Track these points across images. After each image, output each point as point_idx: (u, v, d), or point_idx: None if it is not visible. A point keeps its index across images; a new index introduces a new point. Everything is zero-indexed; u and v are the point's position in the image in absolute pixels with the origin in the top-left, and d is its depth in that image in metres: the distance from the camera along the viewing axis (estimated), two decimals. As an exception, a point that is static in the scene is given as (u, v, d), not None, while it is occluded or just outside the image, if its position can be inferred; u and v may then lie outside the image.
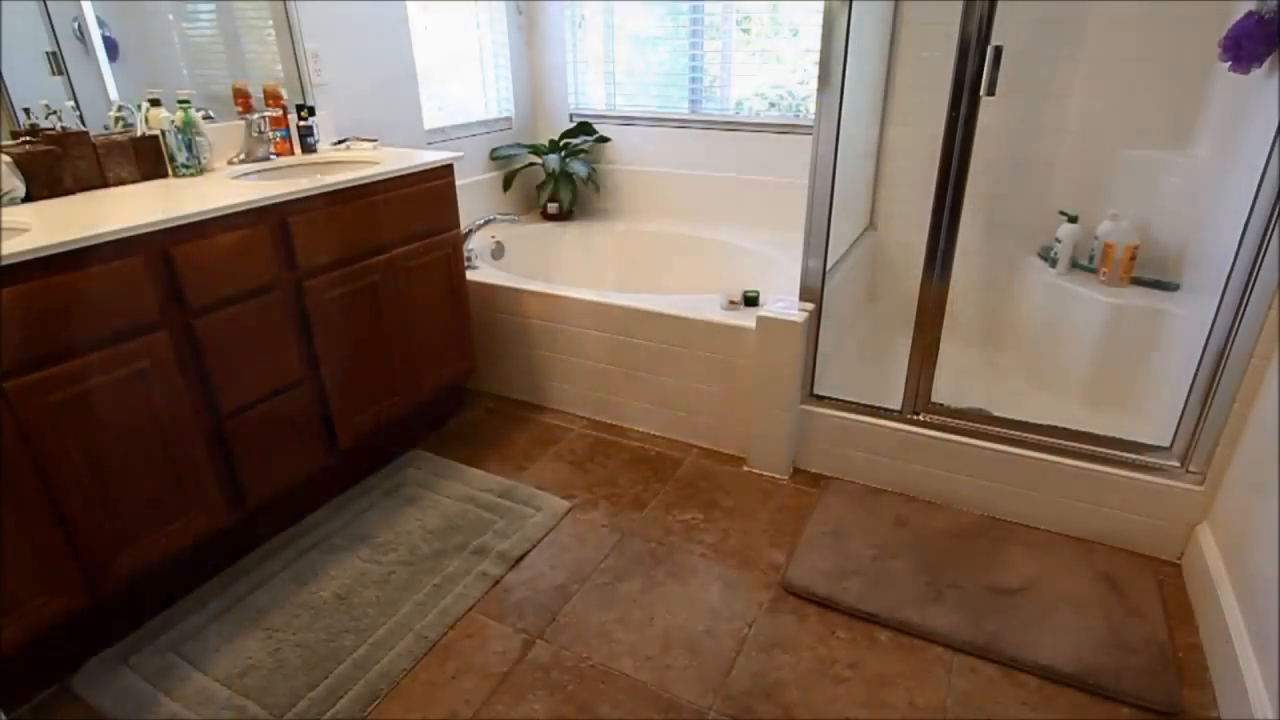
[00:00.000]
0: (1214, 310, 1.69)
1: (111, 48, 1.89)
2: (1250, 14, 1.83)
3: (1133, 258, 2.27)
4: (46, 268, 1.33)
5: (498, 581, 1.81)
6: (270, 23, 2.24)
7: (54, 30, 1.77)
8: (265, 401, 1.79)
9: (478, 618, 1.71)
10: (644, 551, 1.92)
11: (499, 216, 2.84)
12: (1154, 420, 2.04)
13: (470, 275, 2.54)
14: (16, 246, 1.30)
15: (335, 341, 1.95)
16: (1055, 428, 1.93)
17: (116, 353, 1.46)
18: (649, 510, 2.09)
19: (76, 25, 1.81)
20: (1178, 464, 1.81)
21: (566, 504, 2.10)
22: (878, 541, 1.92)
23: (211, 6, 2.11)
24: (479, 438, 2.47)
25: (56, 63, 1.79)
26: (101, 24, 1.86)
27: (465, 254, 2.51)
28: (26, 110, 1.72)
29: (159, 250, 1.52)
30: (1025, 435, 1.95)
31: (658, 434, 2.46)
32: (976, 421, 2.00)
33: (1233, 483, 1.69)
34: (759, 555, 1.91)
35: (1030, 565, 1.83)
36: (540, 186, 3.22)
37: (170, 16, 2.02)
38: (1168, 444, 1.82)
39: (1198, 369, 1.74)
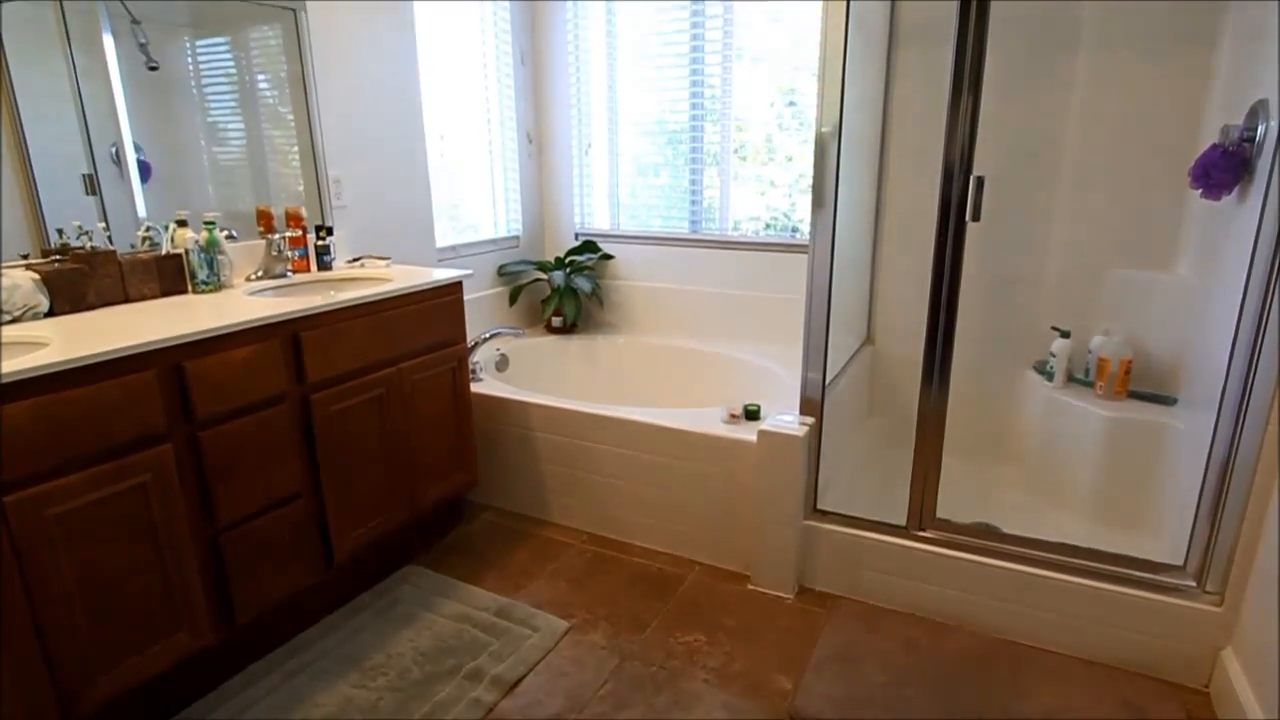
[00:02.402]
0: (1213, 425, 1.70)
1: (145, 170, 2.00)
2: (1215, 146, 1.95)
3: (1127, 371, 2.31)
4: (61, 382, 1.36)
5: (491, 709, 1.73)
6: (296, 148, 2.38)
7: (93, 154, 1.89)
8: (263, 515, 1.78)
9: (469, 749, 1.62)
10: (645, 676, 1.84)
11: (504, 330, 2.91)
12: (1165, 537, 2.01)
13: (475, 387, 2.57)
14: (35, 361, 1.33)
15: (338, 454, 1.95)
16: (1065, 545, 1.89)
17: (119, 466, 1.46)
18: (650, 631, 2.02)
19: (114, 150, 1.93)
20: (1194, 584, 1.76)
21: (565, 624, 2.03)
22: (889, 667, 1.84)
23: (242, 131, 2.26)
24: (477, 552, 2.42)
25: (92, 184, 1.90)
26: (138, 148, 1.98)
27: (470, 366, 2.56)
28: (60, 230, 1.81)
29: (171, 364, 1.55)
30: (1035, 553, 1.91)
31: (659, 549, 2.41)
32: (984, 538, 1.97)
33: (1252, 604, 1.64)
34: (765, 681, 1.82)
35: (1050, 694, 1.74)
36: (545, 301, 3.32)
37: (202, 141, 2.16)
38: (1181, 562, 1.78)
39: (1203, 485, 1.73)
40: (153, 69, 1.98)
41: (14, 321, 1.63)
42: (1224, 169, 1.91)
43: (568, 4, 3.21)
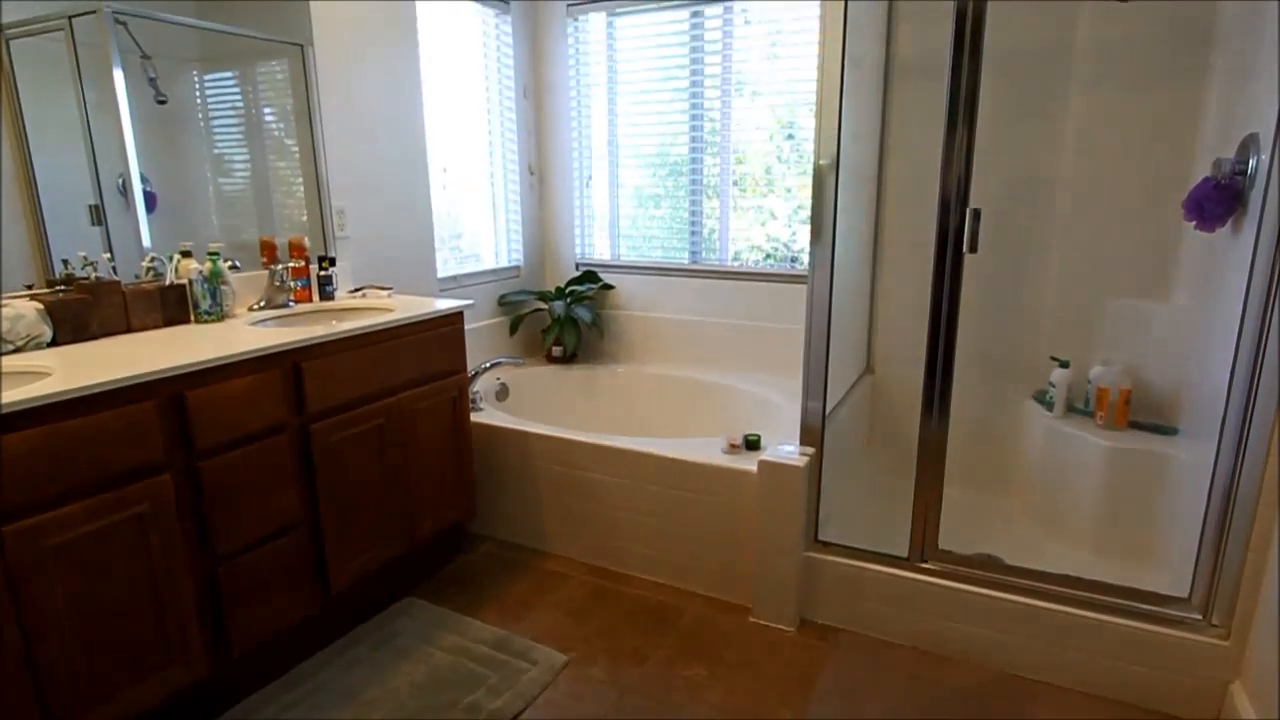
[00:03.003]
0: (1214, 456, 1.69)
1: (150, 200, 2.02)
2: (1207, 179, 1.97)
3: (1127, 401, 2.31)
4: (63, 412, 1.37)
5: (489, 745, 1.70)
6: (300, 179, 2.41)
7: (100, 185, 1.91)
8: (260, 546, 1.77)
9: (465, 787, 1.58)
10: (645, 711, 1.81)
11: (505, 360, 2.91)
12: (1169, 568, 1.99)
13: (474, 417, 2.57)
14: (37, 391, 1.34)
15: (337, 484, 1.95)
16: (1069, 577, 1.87)
17: (118, 496, 1.46)
18: (650, 665, 1.99)
19: (121, 181, 1.96)
20: (1199, 617, 1.74)
21: (564, 658, 2.00)
22: (892, 702, 1.81)
23: (247, 162, 2.29)
24: (476, 584, 2.40)
25: (98, 215, 1.92)
26: (144, 179, 2.00)
27: (470, 396, 2.56)
28: (65, 261, 1.83)
29: (173, 394, 1.56)
30: (1039, 585, 1.89)
31: (660, 581, 2.39)
32: (987, 570, 1.95)
33: (1259, 638, 1.62)
34: (767, 717, 1.79)
35: (1057, 729, 1.71)
36: (546, 330, 3.33)
37: (208, 172, 2.18)
38: (1186, 595, 1.76)
39: (1205, 516, 1.72)
40: (161, 102, 2.02)
41: (17, 351, 1.64)
42: (1217, 201, 1.93)
43: (570, 39, 3.27)
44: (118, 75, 1.90)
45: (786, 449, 2.13)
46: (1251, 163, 1.84)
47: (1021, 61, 2.44)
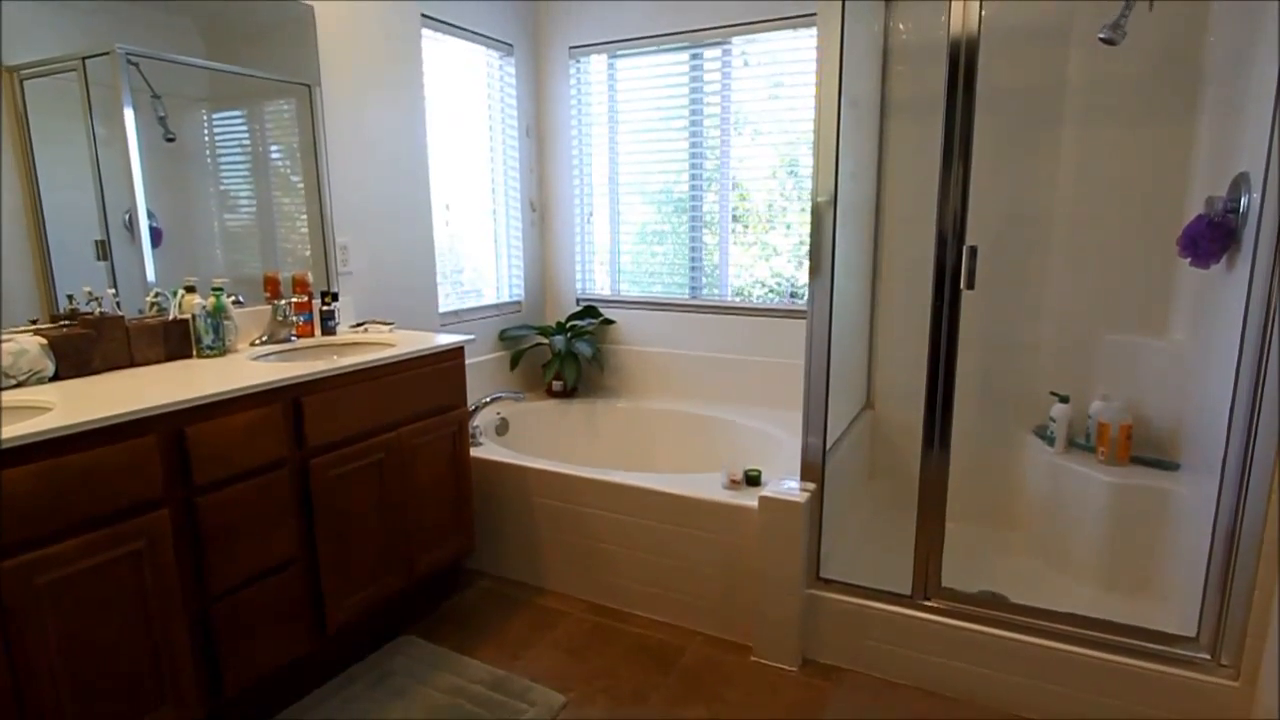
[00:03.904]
0: (1216, 491, 1.69)
1: (156, 236, 2.04)
2: (1201, 216, 2.00)
3: (1128, 437, 2.30)
4: (62, 447, 1.36)
5: (485, 789, 1.66)
6: (305, 215, 2.44)
7: (107, 221, 1.93)
8: (256, 582, 1.75)
9: (461, 833, 1.54)
10: (645, 754, 1.78)
11: (505, 394, 2.91)
12: (1175, 606, 1.97)
13: (474, 452, 2.56)
14: (37, 426, 1.34)
15: (335, 520, 1.93)
16: (1075, 616, 1.85)
17: (115, 532, 1.45)
18: (650, 706, 1.95)
19: (127, 217, 1.98)
20: (1208, 657, 1.72)
21: (562, 699, 1.97)
22: (898, 744, 1.77)
23: (252, 198, 2.31)
24: (474, 621, 2.37)
25: (103, 250, 1.93)
26: (150, 215, 2.03)
27: (470, 430, 2.55)
28: (70, 296, 1.84)
29: (173, 429, 1.56)
30: (1044, 624, 1.87)
31: (660, 619, 2.36)
32: (991, 608, 1.93)
33: (1268, 678, 1.59)
34: (770, 759, 1.76)
35: (1066, 773, 1.68)
36: (546, 365, 3.33)
37: (213, 207, 2.21)
38: (1194, 634, 1.74)
39: (1210, 554, 1.70)
40: (170, 140, 2.05)
41: (19, 386, 1.64)
42: (1211, 239, 1.95)
43: (572, 80, 3.34)
44: (128, 114, 1.94)
45: (787, 484, 2.12)
46: (1243, 200, 1.87)
47: (1015, 100, 2.49)
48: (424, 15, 2.79)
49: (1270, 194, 1.58)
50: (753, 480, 2.26)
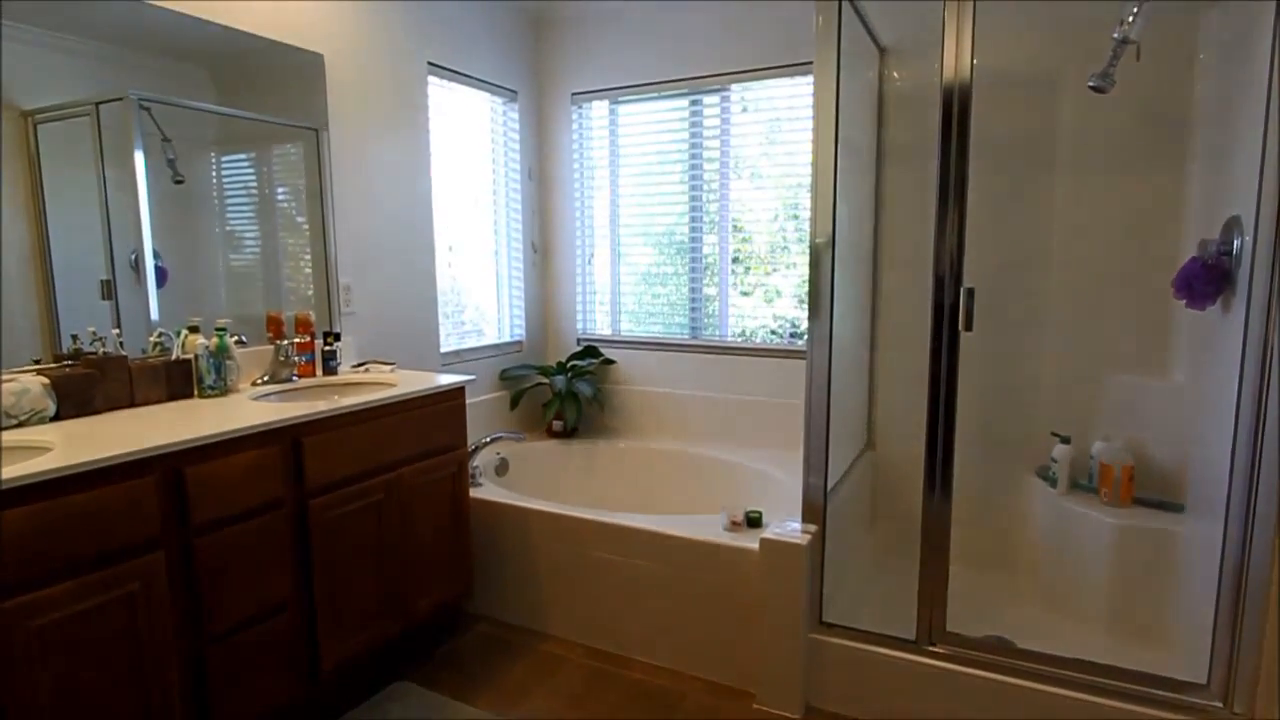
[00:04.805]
0: (1221, 534, 1.67)
1: (161, 275, 2.06)
2: (1195, 259, 2.02)
3: (1131, 478, 2.29)
4: (60, 488, 1.36)
5: (480, 843, 1.61)
6: (309, 255, 2.47)
7: (113, 261, 1.96)
8: (251, 625, 1.72)
9: None
10: (645, 806, 1.73)
11: (505, 434, 2.91)
12: (1184, 650, 1.93)
13: (474, 492, 2.54)
14: (36, 467, 1.33)
15: (332, 561, 1.91)
16: (1083, 662, 1.82)
17: (111, 574, 1.43)
18: (651, 755, 1.91)
19: (134, 257, 2.00)
20: (1220, 704, 1.68)
21: (561, 746, 1.92)
22: (905, 796, 1.73)
23: (258, 238, 2.34)
24: (471, 667, 2.32)
25: (109, 289, 1.95)
26: (156, 255, 2.05)
27: (470, 471, 2.54)
28: (74, 336, 1.85)
29: (171, 470, 1.55)
30: (1052, 670, 1.83)
31: (660, 664, 2.31)
32: (998, 654, 1.89)
33: (1283, 727, 1.56)
34: (774, 812, 1.71)
35: (1079, 827, 1.63)
36: (547, 405, 3.33)
37: (219, 248, 2.23)
38: (1204, 680, 1.71)
39: (1218, 598, 1.68)
40: (179, 182, 2.09)
41: (20, 425, 1.64)
42: (1206, 280, 1.97)
43: (574, 125, 3.41)
44: (138, 157, 1.98)
45: (789, 526, 2.10)
46: (1236, 244, 1.89)
47: (1009, 145, 2.54)
48: (431, 63, 2.87)
49: (1262, 239, 1.60)
50: (754, 522, 2.24)
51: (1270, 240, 1.59)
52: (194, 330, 2.04)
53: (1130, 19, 1.93)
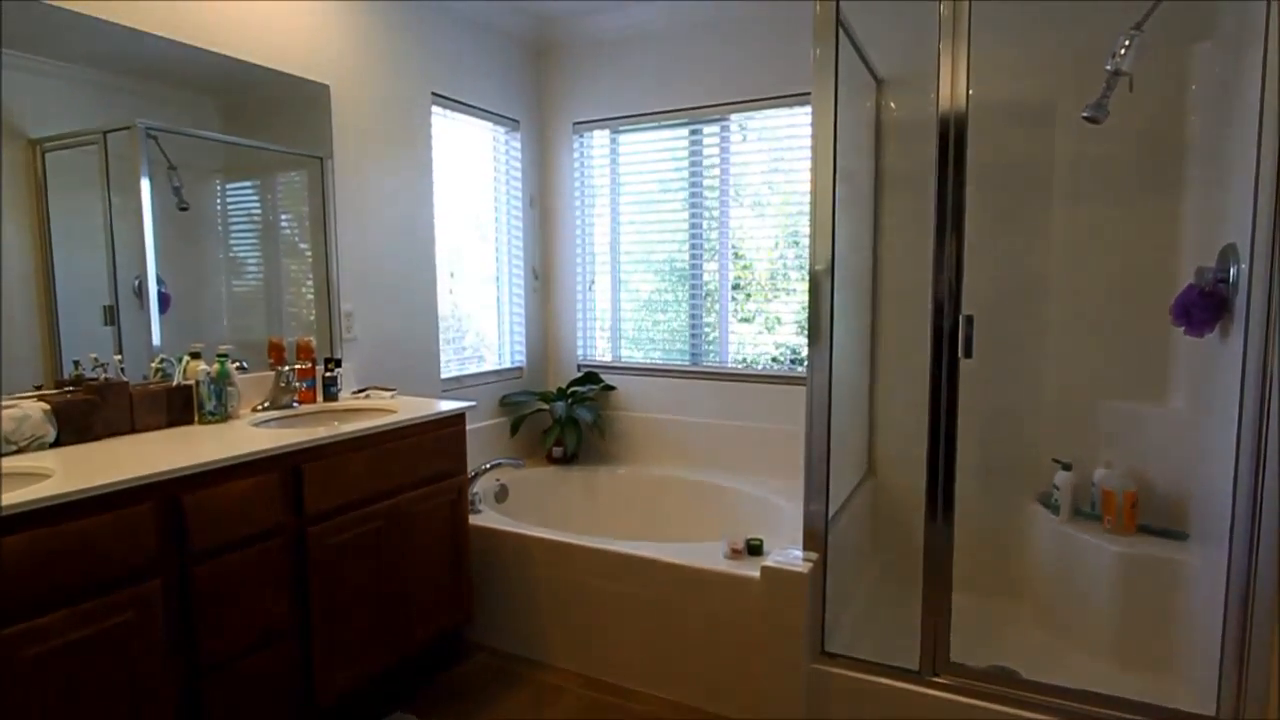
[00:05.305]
0: (1226, 562, 1.66)
1: (164, 301, 2.07)
2: (1192, 286, 2.03)
3: (1134, 505, 2.28)
4: (58, 515, 1.35)
5: None
6: (311, 281, 2.48)
7: (116, 287, 1.97)
8: (247, 656, 1.70)
9: None
10: (645, 842, 1.69)
11: (505, 461, 2.90)
12: (1192, 680, 1.91)
13: (473, 519, 2.53)
14: (34, 494, 1.33)
15: (330, 589, 1.90)
16: (1091, 693, 1.79)
17: (106, 603, 1.42)
18: (651, 789, 1.87)
19: (137, 282, 2.01)
20: (1229, 737, 1.66)
21: (559, 780, 1.89)
22: (910, 831, 1.69)
23: (260, 264, 2.36)
24: (469, 698, 2.29)
25: (111, 315, 1.96)
26: (159, 281, 2.06)
27: (470, 497, 2.53)
28: (76, 362, 1.85)
29: (170, 497, 1.54)
30: (1059, 701, 1.80)
31: (660, 694, 2.28)
32: (1003, 685, 1.87)
33: (1294, 761, 1.53)
34: None
35: None
36: (547, 431, 3.33)
37: (222, 274, 2.24)
38: (1213, 711, 1.68)
39: (1224, 628, 1.66)
40: (183, 209, 2.11)
41: (19, 452, 1.64)
42: (1203, 308, 1.98)
43: (575, 153, 3.45)
44: (144, 184, 2.00)
45: (790, 554, 2.09)
46: (1232, 271, 1.91)
47: (1005, 174, 2.57)
48: (435, 94, 2.91)
49: (1259, 268, 1.61)
50: (754, 549, 2.23)
51: (1266, 269, 1.60)
52: (195, 356, 2.04)
53: (1122, 51, 1.96)
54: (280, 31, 2.32)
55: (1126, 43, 1.95)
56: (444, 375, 3.03)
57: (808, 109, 2.78)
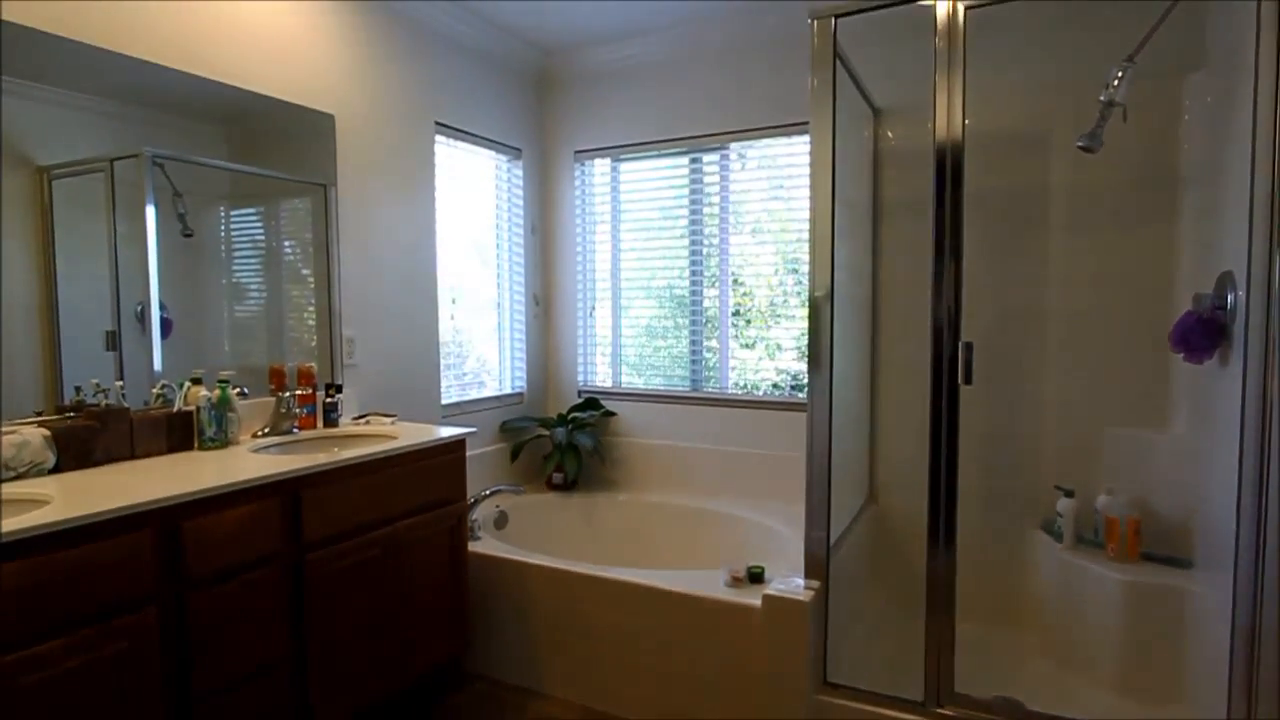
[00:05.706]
0: (1231, 590, 1.65)
1: (166, 327, 2.07)
2: (1190, 313, 2.04)
3: (1137, 532, 2.27)
4: (56, 542, 1.35)
5: None
6: (313, 307, 2.49)
7: (119, 312, 1.97)
8: (242, 685, 1.68)
9: None
10: None
11: (505, 488, 2.89)
12: (1199, 711, 1.88)
13: (472, 546, 2.51)
14: (32, 521, 1.32)
15: (328, 617, 1.88)
16: (1095, 724, 1.77)
17: (102, 630, 1.41)
18: (652, 823, 1.84)
19: (139, 308, 2.02)
20: (1239, 770, 1.63)
21: (558, 814, 1.85)
22: None
23: (263, 290, 2.37)
24: (465, 728, 2.25)
25: (113, 340, 1.96)
26: (162, 306, 2.07)
27: (469, 524, 2.52)
28: (78, 388, 1.86)
29: (168, 523, 1.54)
30: (1064, 733, 1.78)
31: (661, 726, 2.25)
32: (1008, 717, 1.84)
33: (1306, 795, 1.51)
34: None
35: None
36: (547, 457, 3.32)
37: (224, 299, 2.25)
38: (1222, 745, 1.66)
39: (1231, 658, 1.64)
40: (187, 235, 2.13)
41: (19, 478, 1.63)
42: (1202, 334, 1.99)
43: (576, 181, 3.49)
44: (150, 211, 2.02)
45: (792, 582, 2.07)
46: (1230, 298, 1.92)
47: (1002, 202, 2.59)
48: (438, 123, 2.95)
49: (1255, 295, 1.62)
50: (755, 577, 2.21)
51: (1263, 296, 1.61)
52: (197, 382, 2.05)
53: (1115, 82, 1.99)
54: (287, 63, 2.36)
55: (1120, 74, 1.98)
56: (445, 401, 3.03)
57: (806, 138, 2.82)
